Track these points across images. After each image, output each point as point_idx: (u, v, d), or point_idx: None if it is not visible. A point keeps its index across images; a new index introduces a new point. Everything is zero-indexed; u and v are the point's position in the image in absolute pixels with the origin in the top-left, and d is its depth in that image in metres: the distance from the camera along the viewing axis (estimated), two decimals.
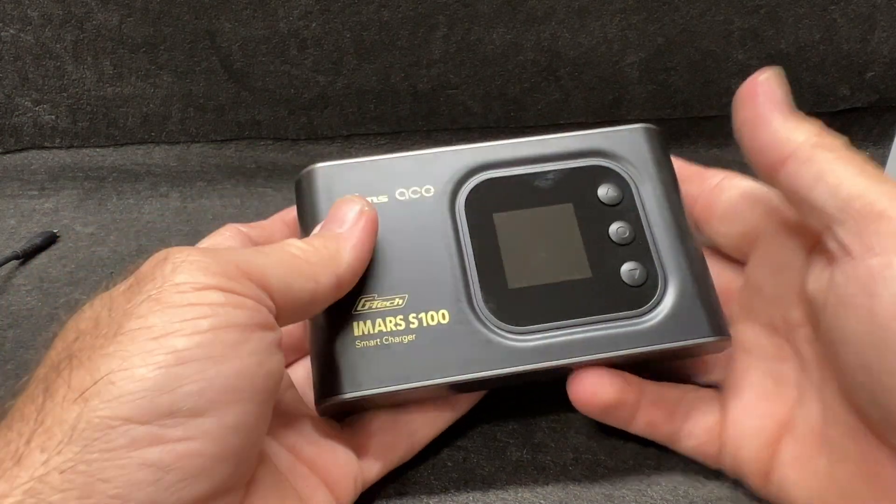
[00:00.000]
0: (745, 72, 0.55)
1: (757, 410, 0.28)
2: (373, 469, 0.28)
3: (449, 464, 0.30)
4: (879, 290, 0.22)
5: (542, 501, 0.29)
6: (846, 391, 0.25)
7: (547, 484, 0.29)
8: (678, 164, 0.32)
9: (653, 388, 0.30)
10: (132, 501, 0.19)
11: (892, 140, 0.49)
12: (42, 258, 0.44)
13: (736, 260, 0.31)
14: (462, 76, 0.55)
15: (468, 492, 0.29)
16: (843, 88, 0.58)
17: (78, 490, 0.18)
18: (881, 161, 0.51)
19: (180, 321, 0.20)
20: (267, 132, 0.56)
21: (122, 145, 0.55)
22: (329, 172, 0.30)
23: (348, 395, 0.26)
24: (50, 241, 0.45)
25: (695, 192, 0.31)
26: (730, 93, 0.62)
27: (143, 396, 0.19)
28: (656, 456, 0.31)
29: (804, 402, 0.27)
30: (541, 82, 0.56)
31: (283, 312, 0.24)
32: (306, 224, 0.29)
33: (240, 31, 0.52)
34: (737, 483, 0.29)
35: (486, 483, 0.29)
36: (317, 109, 0.55)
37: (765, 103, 0.26)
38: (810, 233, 0.26)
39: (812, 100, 0.58)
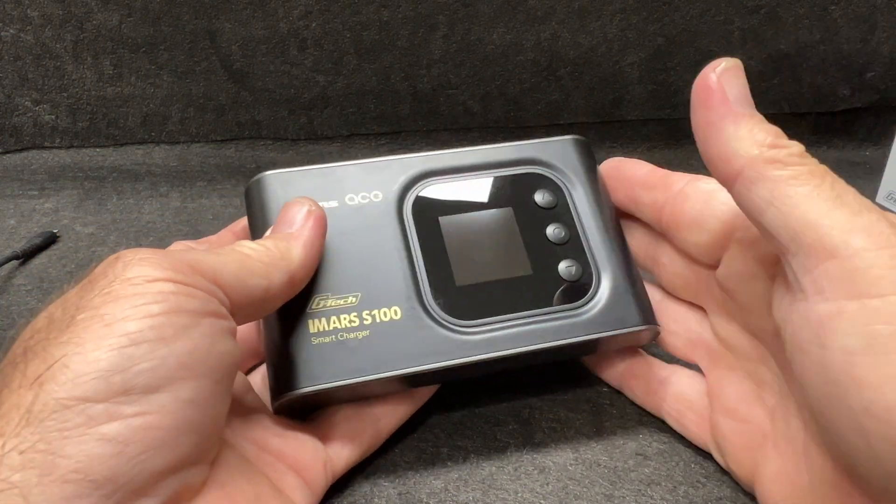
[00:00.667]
0: (745, 72, 0.55)
1: (739, 415, 0.28)
2: (342, 455, 0.28)
3: (449, 464, 0.30)
4: (829, 342, 0.20)
5: (542, 501, 0.29)
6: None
7: (547, 484, 0.29)
8: (645, 167, 0.31)
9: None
10: (93, 475, 0.19)
11: (892, 140, 0.49)
12: (42, 258, 0.44)
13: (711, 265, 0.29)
14: (462, 76, 0.55)
15: (468, 492, 0.29)
16: (843, 88, 0.58)
17: (38, 468, 0.18)
18: (881, 161, 0.51)
19: (131, 307, 0.21)
20: (267, 132, 0.56)
21: (122, 145, 0.55)
22: (279, 180, 0.31)
23: (306, 389, 0.27)
24: (50, 241, 0.45)
25: (661, 199, 0.29)
26: None
27: (96, 377, 0.19)
28: (656, 456, 0.31)
29: (783, 412, 0.26)
30: (541, 82, 0.56)
31: (237, 310, 0.24)
32: (257, 231, 0.30)
33: (240, 31, 0.52)
34: (737, 483, 0.29)
35: (486, 483, 0.29)
36: (317, 109, 0.55)
37: (716, 106, 0.23)
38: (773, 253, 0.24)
39: (812, 100, 0.58)
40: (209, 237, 0.32)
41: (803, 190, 0.21)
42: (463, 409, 0.33)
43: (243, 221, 0.32)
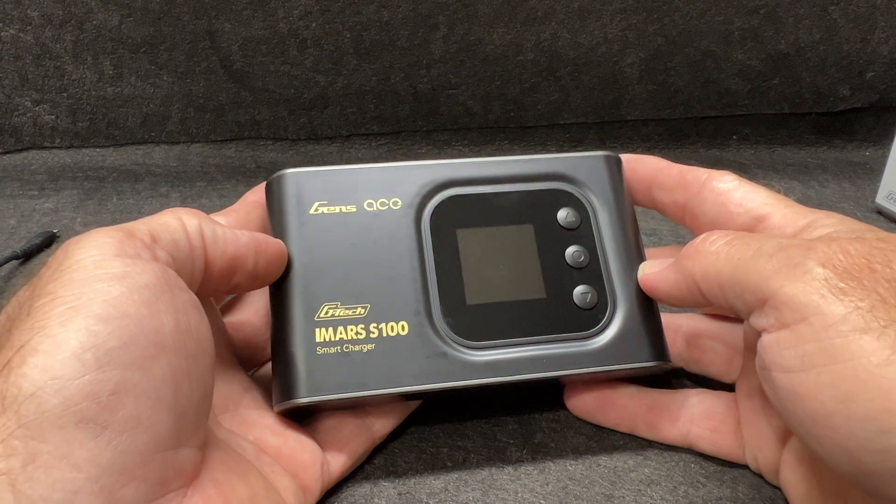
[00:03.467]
0: (745, 72, 0.56)
1: (767, 412, 0.29)
2: (338, 460, 0.29)
3: (449, 464, 0.30)
4: (772, 365, 0.23)
5: (542, 501, 0.29)
6: None
7: (547, 484, 0.29)
8: (660, 163, 0.32)
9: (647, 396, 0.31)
10: (75, 458, 0.19)
11: (892, 140, 0.49)
12: (42, 258, 0.44)
13: None
14: (462, 76, 0.55)
15: (468, 492, 0.29)
16: (843, 88, 0.58)
17: (21, 456, 0.18)
18: (881, 161, 0.51)
19: (90, 290, 0.21)
20: (267, 132, 0.56)
21: (122, 145, 0.55)
22: (299, 178, 0.30)
23: (307, 400, 0.27)
24: (50, 241, 0.45)
25: (681, 200, 0.31)
26: (730, 93, 0.62)
27: (68, 355, 0.19)
28: (656, 456, 0.31)
29: None
30: (541, 82, 0.56)
31: (181, 267, 0.24)
32: (275, 227, 0.30)
33: (240, 31, 0.52)
34: (736, 483, 0.29)
35: (486, 483, 0.29)
36: (317, 109, 0.55)
37: (657, 279, 0.29)
38: None
39: (812, 100, 0.58)
40: (233, 206, 0.32)
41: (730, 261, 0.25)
42: (463, 409, 0.33)
43: (257, 190, 0.32)
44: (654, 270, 0.29)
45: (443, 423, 0.32)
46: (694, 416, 0.30)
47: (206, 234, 0.25)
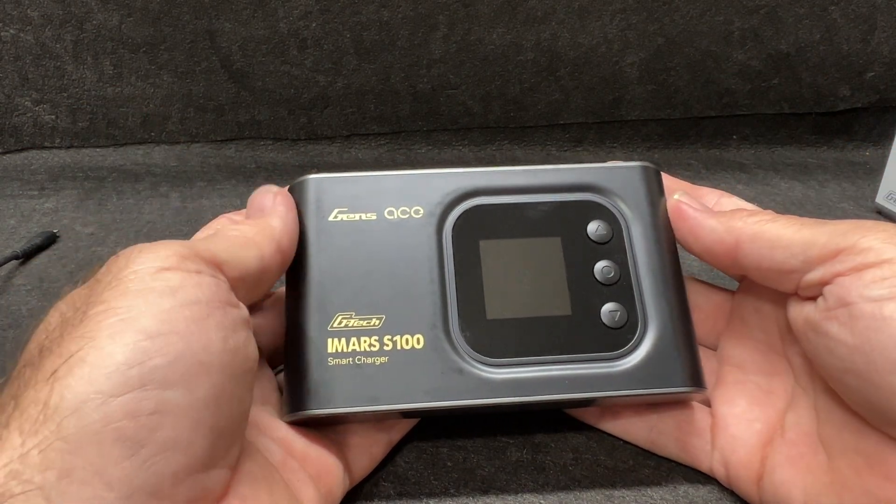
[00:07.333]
0: (745, 72, 0.56)
1: (747, 417, 0.29)
2: (360, 466, 0.29)
3: (449, 464, 0.30)
4: (856, 299, 0.24)
5: (541, 501, 0.29)
6: (840, 393, 0.26)
7: (547, 484, 0.29)
8: (669, 180, 0.32)
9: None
10: (108, 477, 0.19)
11: (892, 140, 0.49)
12: (42, 258, 0.44)
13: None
14: (462, 76, 0.55)
15: (468, 492, 0.29)
16: (843, 88, 0.58)
17: (57, 469, 0.18)
18: (881, 161, 0.51)
19: (143, 302, 0.21)
20: (267, 132, 0.56)
21: (122, 145, 0.55)
22: (320, 184, 0.29)
23: (317, 412, 0.26)
24: (50, 241, 0.45)
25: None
26: (730, 93, 0.62)
27: (113, 370, 0.19)
28: (656, 456, 0.31)
29: (796, 408, 0.28)
30: (541, 82, 0.56)
31: (238, 285, 0.24)
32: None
33: (240, 31, 0.52)
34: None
35: (486, 483, 0.29)
36: (317, 109, 0.55)
37: (694, 215, 0.28)
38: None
39: (812, 100, 0.58)
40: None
41: (789, 226, 0.26)
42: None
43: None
44: (694, 207, 0.29)
45: (443, 423, 0.32)
46: (669, 420, 0.30)
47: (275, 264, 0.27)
